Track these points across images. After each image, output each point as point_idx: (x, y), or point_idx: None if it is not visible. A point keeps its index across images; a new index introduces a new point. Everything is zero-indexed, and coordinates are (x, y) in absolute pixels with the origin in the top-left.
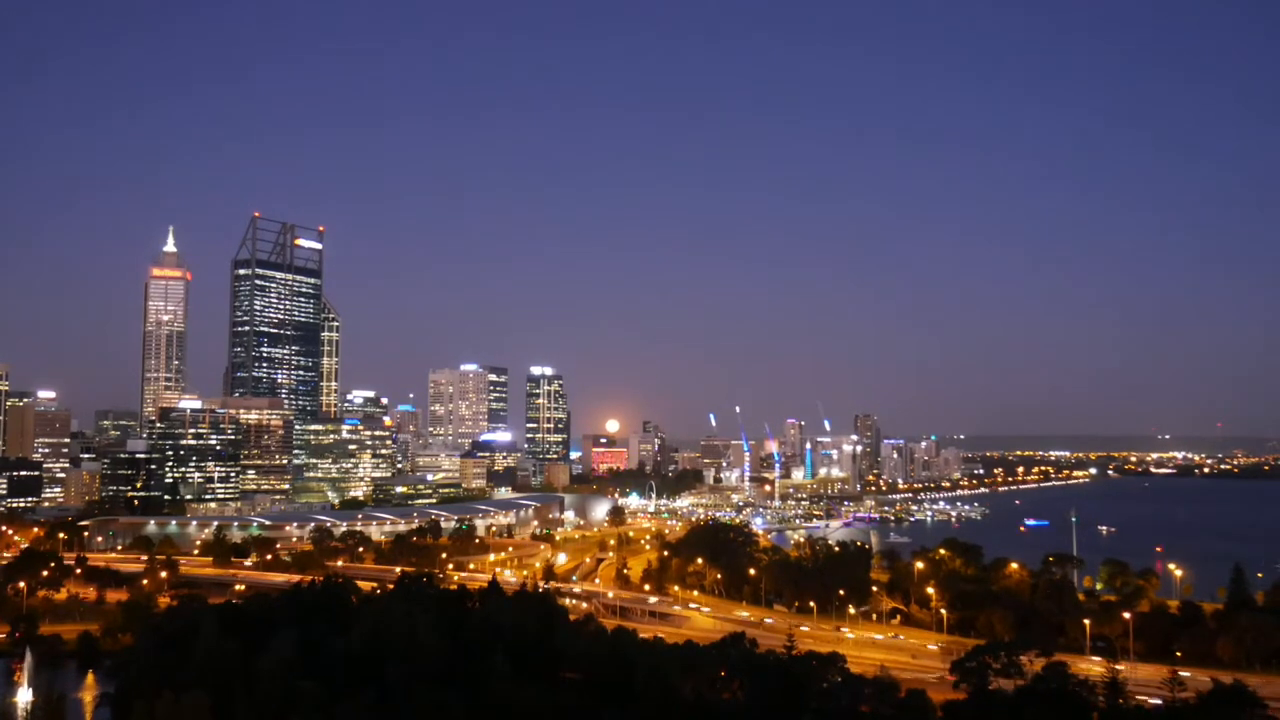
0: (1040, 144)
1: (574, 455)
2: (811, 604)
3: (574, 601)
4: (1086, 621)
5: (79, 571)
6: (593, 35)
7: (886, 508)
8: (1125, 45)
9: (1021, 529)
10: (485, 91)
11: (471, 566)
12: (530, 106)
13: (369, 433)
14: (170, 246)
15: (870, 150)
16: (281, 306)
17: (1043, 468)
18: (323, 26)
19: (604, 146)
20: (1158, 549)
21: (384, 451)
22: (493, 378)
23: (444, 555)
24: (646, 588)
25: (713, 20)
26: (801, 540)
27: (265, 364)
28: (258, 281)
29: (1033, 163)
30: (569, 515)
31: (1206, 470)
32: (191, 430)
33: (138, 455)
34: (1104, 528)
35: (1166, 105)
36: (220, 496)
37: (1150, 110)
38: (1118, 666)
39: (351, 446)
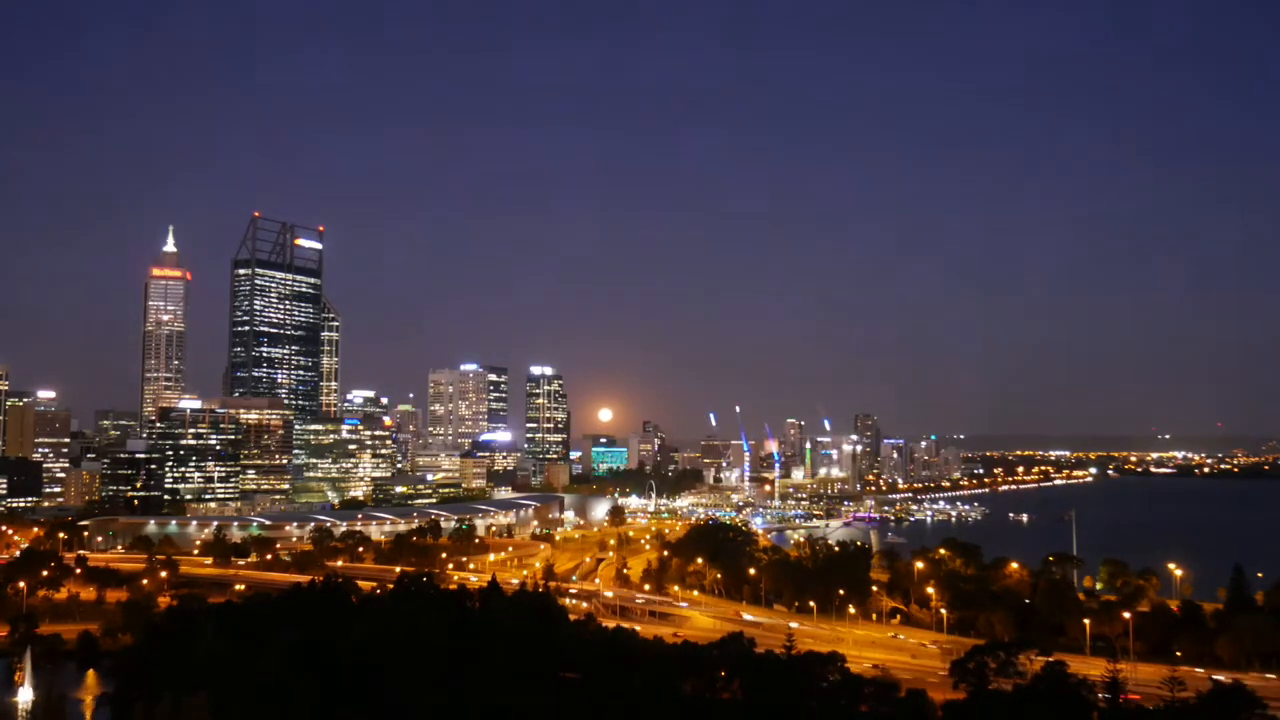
0: (1041, 146)
1: (574, 455)
2: (811, 604)
3: (574, 601)
4: (1086, 621)
5: (79, 571)
6: (593, 41)
7: (886, 508)
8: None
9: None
10: (485, 91)
11: (471, 566)
12: (529, 108)
13: (369, 433)
14: (170, 246)
15: (872, 153)
16: (281, 306)
17: (1043, 468)
18: (323, 26)
19: (605, 145)
20: (1157, 549)
21: (384, 451)
22: (492, 378)
23: (444, 555)
24: (646, 587)
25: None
26: (801, 540)
27: (265, 364)
28: (258, 281)
29: (1033, 163)
30: (569, 515)
31: (1206, 470)
32: (191, 430)
33: (138, 455)
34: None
35: (1167, 104)
36: (220, 496)
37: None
38: (1117, 666)
39: (351, 446)
